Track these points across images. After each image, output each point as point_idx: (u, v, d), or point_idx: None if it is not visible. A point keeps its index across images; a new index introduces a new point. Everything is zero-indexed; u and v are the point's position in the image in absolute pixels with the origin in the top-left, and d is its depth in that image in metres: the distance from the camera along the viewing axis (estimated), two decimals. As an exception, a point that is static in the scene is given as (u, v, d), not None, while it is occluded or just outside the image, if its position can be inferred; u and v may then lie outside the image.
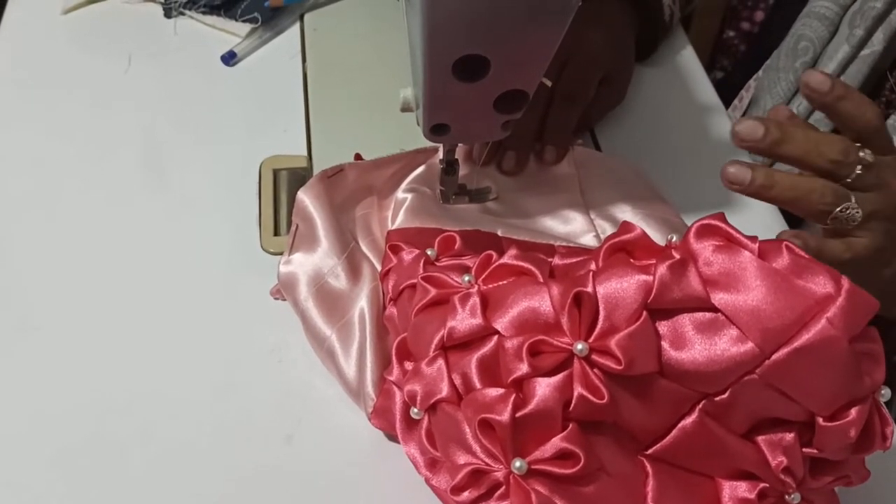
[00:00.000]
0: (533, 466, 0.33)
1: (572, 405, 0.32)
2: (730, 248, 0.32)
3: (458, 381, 0.35)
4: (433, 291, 0.37)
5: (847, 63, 0.58)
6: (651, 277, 0.32)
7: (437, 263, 0.41)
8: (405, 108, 0.45)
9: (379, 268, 0.46)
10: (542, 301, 0.34)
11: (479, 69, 0.38)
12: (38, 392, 0.44)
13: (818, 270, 0.31)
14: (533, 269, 0.36)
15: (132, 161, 0.56)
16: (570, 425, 0.33)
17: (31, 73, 0.62)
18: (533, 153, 0.53)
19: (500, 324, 0.34)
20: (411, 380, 0.37)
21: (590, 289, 0.32)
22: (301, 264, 0.45)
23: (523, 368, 0.32)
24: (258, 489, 0.41)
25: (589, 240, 0.49)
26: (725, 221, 0.33)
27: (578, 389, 0.32)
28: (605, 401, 0.32)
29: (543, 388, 0.32)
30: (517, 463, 0.32)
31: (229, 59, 0.62)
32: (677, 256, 0.32)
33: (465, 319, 0.35)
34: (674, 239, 0.34)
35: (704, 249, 0.32)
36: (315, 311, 0.44)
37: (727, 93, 0.74)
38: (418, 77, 0.41)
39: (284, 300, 0.47)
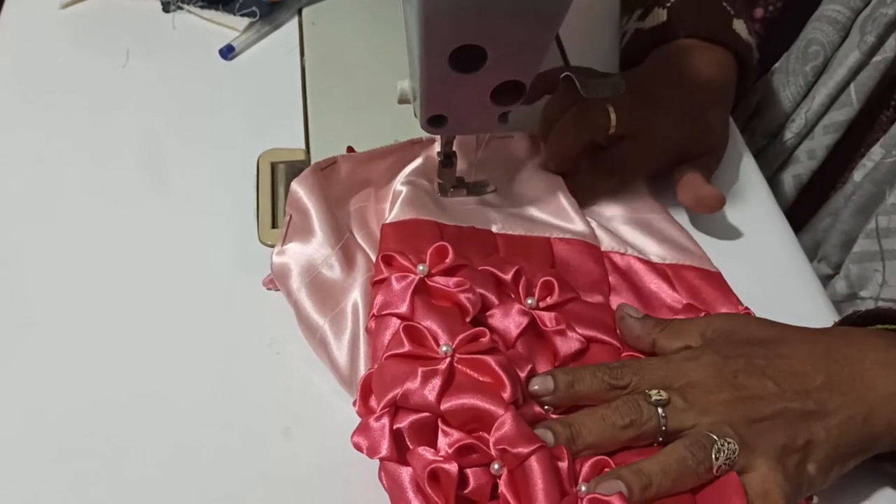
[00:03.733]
0: None
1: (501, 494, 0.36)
2: None
3: (400, 428, 0.37)
4: (407, 347, 0.38)
5: (858, 69, 0.58)
6: None
7: (430, 282, 0.42)
8: (403, 100, 0.45)
9: (374, 258, 0.46)
10: (496, 411, 0.36)
11: (476, 60, 0.38)
12: (38, 388, 0.44)
13: None
14: (507, 384, 0.37)
15: (130, 155, 0.56)
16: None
17: (30, 68, 0.62)
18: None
19: (451, 404, 0.36)
20: (358, 432, 0.38)
21: (524, 452, 0.35)
22: (295, 255, 0.45)
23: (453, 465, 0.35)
24: (256, 482, 0.41)
25: (581, 227, 0.49)
26: (624, 500, 0.34)
27: (501, 488, 0.35)
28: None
29: (475, 473, 0.36)
30: None
31: (227, 53, 0.62)
32: None
33: (419, 392, 0.37)
34: (582, 489, 0.35)
35: None
36: (308, 301, 0.44)
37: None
38: (415, 69, 0.41)
39: (277, 290, 0.47)
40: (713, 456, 0.36)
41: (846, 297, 0.57)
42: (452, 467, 0.35)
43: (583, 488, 0.35)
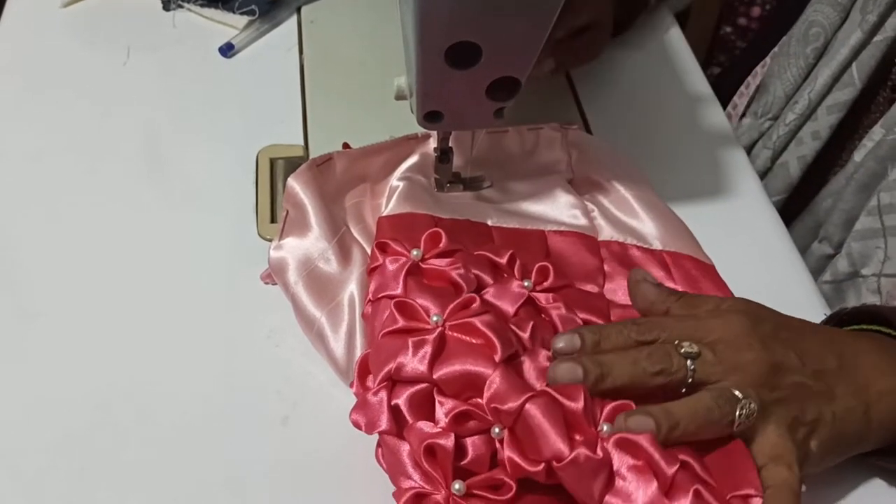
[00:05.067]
0: (471, 490, 0.35)
1: (498, 459, 0.36)
2: (643, 471, 0.34)
3: (397, 404, 0.37)
4: (400, 322, 0.39)
5: (860, 49, 0.58)
6: (567, 452, 0.34)
7: (424, 265, 0.42)
8: (399, 97, 0.46)
9: (370, 252, 0.46)
10: (487, 373, 0.36)
11: (471, 56, 0.39)
12: (41, 377, 0.45)
13: None
14: (497, 344, 0.37)
15: (131, 151, 0.57)
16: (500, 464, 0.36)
17: (32, 66, 0.63)
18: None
19: (444, 372, 0.37)
20: (356, 409, 0.38)
21: (516, 406, 0.34)
22: (292, 249, 0.46)
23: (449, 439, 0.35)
24: (255, 470, 0.42)
25: (578, 218, 0.50)
26: (653, 442, 0.34)
27: (500, 452, 0.36)
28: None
29: (472, 441, 0.36)
30: (456, 485, 0.35)
31: (227, 50, 0.63)
32: (600, 455, 0.34)
33: (412, 363, 0.37)
34: (604, 430, 0.35)
35: (622, 461, 0.34)
36: (305, 294, 0.45)
37: (724, 88, 0.75)
38: (412, 65, 0.41)
39: (275, 284, 0.47)
40: (736, 412, 0.37)
41: (848, 276, 0.57)
42: (447, 442, 0.35)
43: (604, 428, 0.35)
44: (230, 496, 0.41)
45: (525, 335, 0.40)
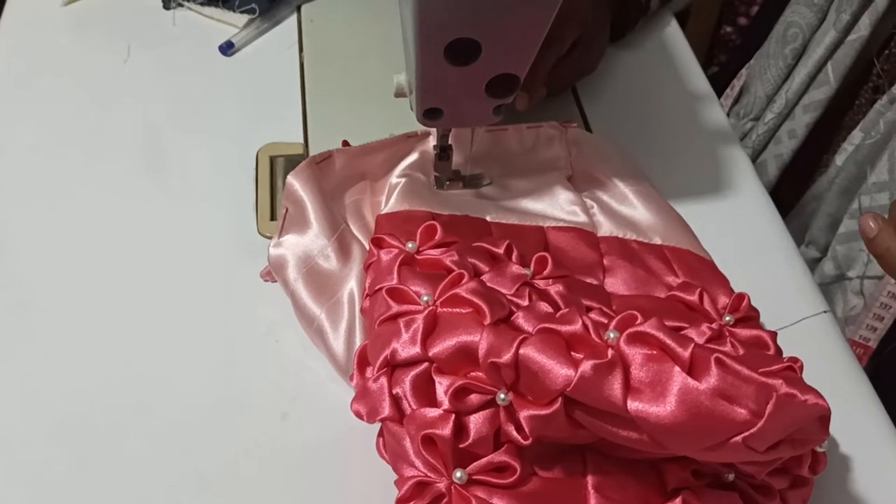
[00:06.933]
0: (473, 477, 0.35)
1: (502, 437, 0.35)
2: (660, 359, 0.32)
3: (398, 394, 0.37)
4: (394, 308, 0.38)
5: (834, 48, 0.59)
6: (573, 373, 0.32)
7: (419, 256, 0.42)
8: (399, 94, 0.46)
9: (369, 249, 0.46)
10: (477, 340, 0.35)
11: (471, 53, 0.39)
12: (40, 371, 0.45)
13: (746, 390, 0.31)
14: (485, 308, 0.36)
15: (132, 149, 0.57)
16: (505, 445, 0.35)
17: (32, 64, 0.63)
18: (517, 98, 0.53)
19: (438, 348, 0.36)
20: (356, 399, 0.38)
21: (510, 355, 0.33)
22: (291, 246, 0.46)
23: (447, 427, 0.35)
24: (254, 464, 0.42)
25: (577, 214, 0.50)
26: (663, 328, 0.33)
27: (506, 426, 0.35)
28: (528, 442, 0.34)
29: (475, 421, 0.35)
30: (458, 473, 0.35)
31: (227, 49, 0.63)
32: (608, 357, 0.32)
33: (405, 345, 0.36)
34: (611, 337, 0.34)
35: (635, 357, 0.33)
36: (305, 291, 0.45)
37: (724, 86, 0.75)
38: (411, 62, 0.41)
39: (275, 282, 0.48)
40: None
41: (834, 279, 0.58)
42: (445, 430, 0.34)
43: (611, 335, 0.33)
44: (229, 490, 0.41)
45: (523, 302, 0.39)
